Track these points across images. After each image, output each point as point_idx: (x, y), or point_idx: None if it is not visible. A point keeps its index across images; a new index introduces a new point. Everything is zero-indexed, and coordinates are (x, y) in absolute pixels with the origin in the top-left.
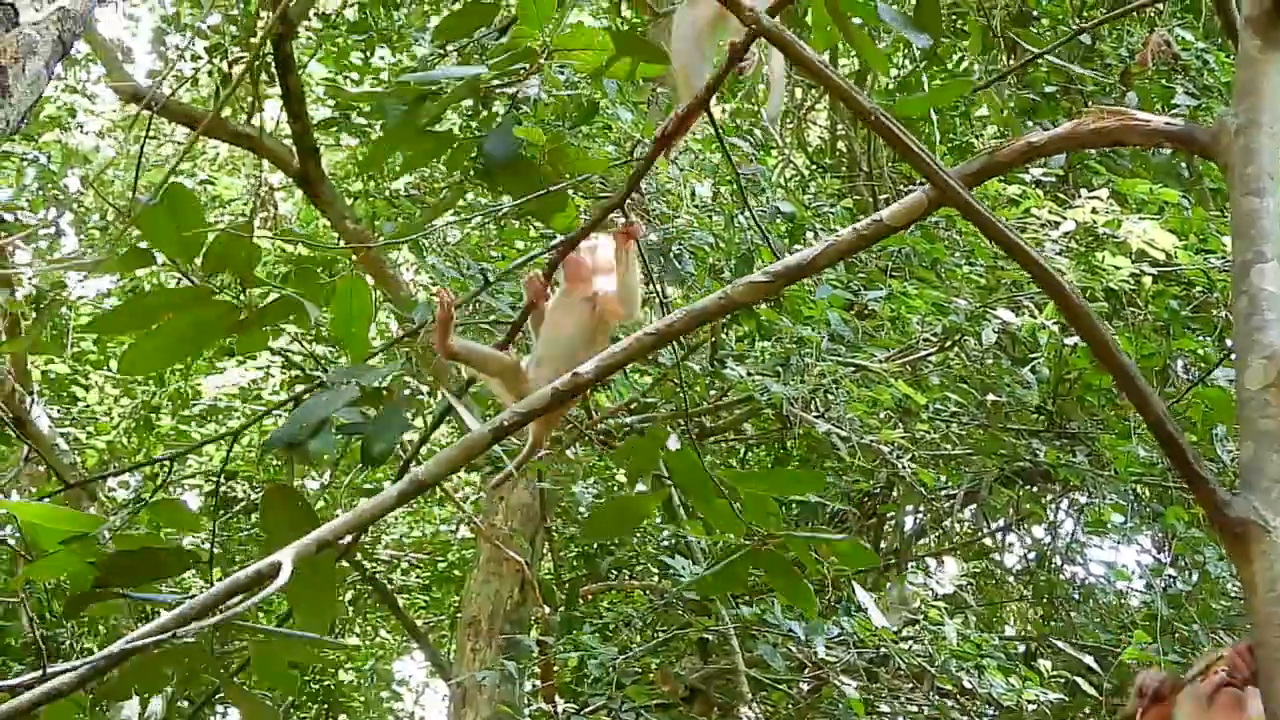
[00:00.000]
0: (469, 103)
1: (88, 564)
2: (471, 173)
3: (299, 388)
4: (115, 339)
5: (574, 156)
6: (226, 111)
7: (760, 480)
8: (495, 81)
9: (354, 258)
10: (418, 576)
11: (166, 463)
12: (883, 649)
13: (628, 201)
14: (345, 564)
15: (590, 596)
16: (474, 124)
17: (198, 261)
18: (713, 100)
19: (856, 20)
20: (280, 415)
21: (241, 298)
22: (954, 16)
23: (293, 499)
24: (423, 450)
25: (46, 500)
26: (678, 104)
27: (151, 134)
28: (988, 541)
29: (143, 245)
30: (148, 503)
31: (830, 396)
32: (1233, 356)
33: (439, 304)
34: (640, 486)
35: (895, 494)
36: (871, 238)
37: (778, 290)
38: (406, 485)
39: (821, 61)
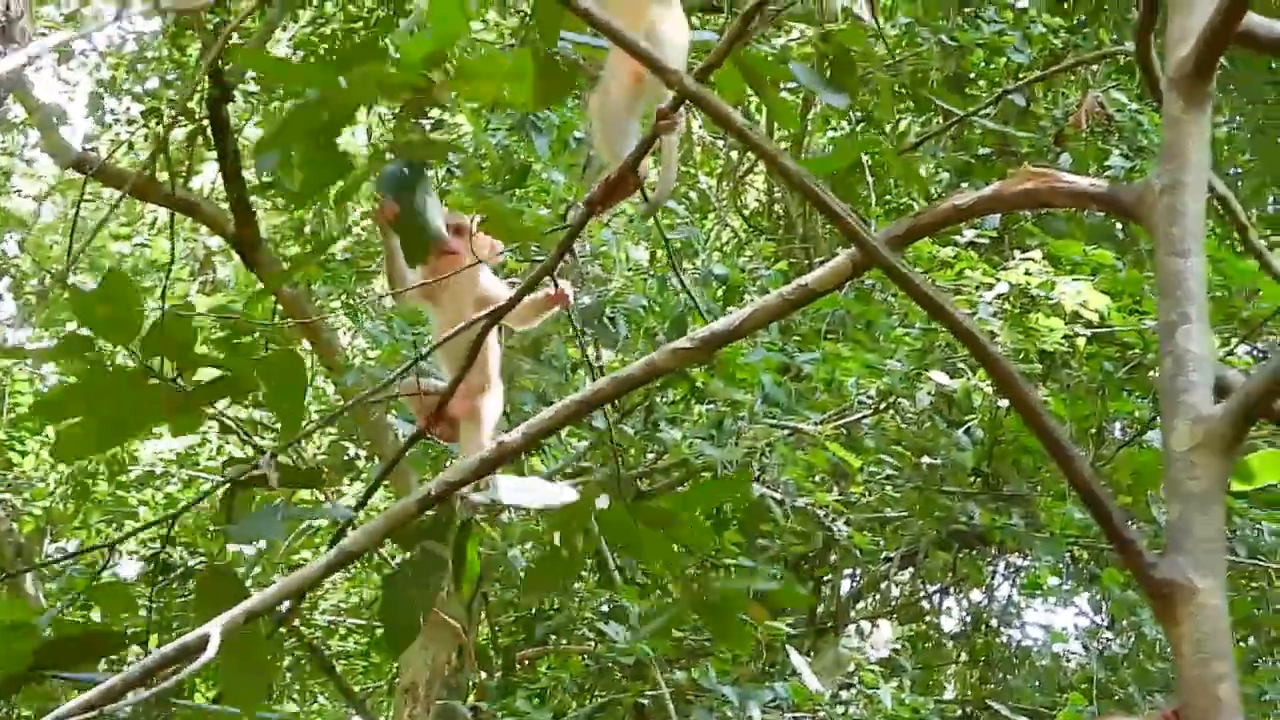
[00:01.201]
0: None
1: (27, 650)
2: None
3: (236, 459)
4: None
5: (500, 222)
6: (163, 176)
7: (688, 500)
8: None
9: (289, 322)
10: (355, 642)
11: (105, 550)
12: (818, 713)
13: (560, 264)
14: (283, 630)
15: (527, 662)
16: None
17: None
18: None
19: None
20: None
21: (180, 380)
22: (893, 77)
23: (228, 583)
24: (360, 515)
25: None
26: (609, 172)
27: (88, 198)
28: (924, 604)
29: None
30: (85, 583)
31: (765, 459)
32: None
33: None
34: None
35: (831, 557)
36: (798, 302)
37: (703, 356)
38: (335, 556)
39: (747, 125)
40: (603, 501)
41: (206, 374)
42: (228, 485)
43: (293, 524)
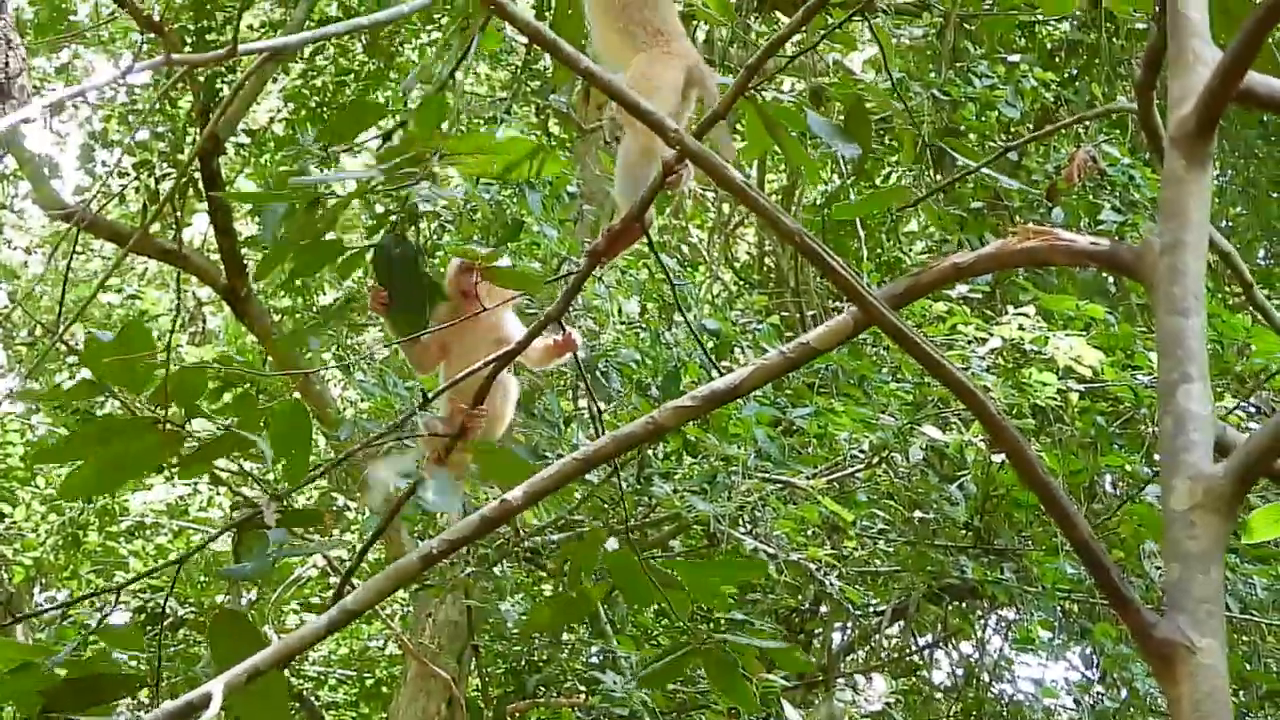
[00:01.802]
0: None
1: (35, 693)
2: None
3: (238, 512)
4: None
5: (504, 274)
6: (154, 227)
7: (702, 569)
8: (384, 186)
9: (281, 373)
10: (345, 693)
11: (110, 595)
12: None
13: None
14: None
15: (518, 714)
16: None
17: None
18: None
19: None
20: (217, 538)
21: (186, 429)
22: (881, 131)
23: (241, 625)
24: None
25: None
26: (614, 222)
27: (79, 249)
28: (916, 658)
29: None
30: (84, 627)
31: (757, 514)
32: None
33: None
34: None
35: (823, 611)
36: (799, 360)
37: (705, 413)
38: (336, 614)
39: (746, 183)
40: (612, 543)
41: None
42: (234, 529)
43: (286, 567)
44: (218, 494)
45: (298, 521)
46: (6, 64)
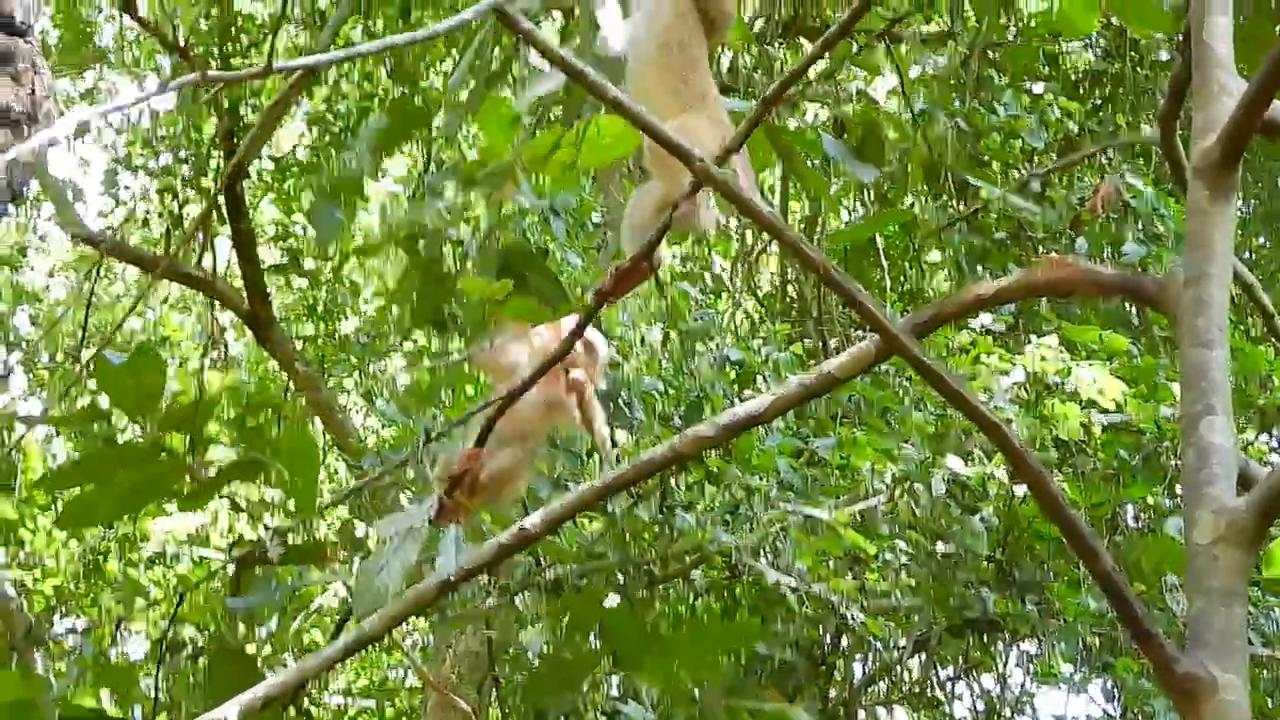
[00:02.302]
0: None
1: None
2: (422, 318)
3: (246, 539)
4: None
5: (519, 305)
6: (183, 250)
7: (699, 635)
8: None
9: (302, 402)
10: None
11: (113, 611)
12: None
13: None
14: (293, 711)
15: None
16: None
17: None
18: (661, 249)
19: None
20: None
21: (193, 457)
22: (905, 160)
23: (242, 663)
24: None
25: None
26: (623, 261)
27: (102, 273)
28: (938, 691)
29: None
30: (93, 661)
31: (779, 545)
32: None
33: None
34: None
35: (844, 643)
36: (820, 389)
37: (726, 442)
38: (352, 639)
39: (771, 213)
40: (611, 599)
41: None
42: (235, 563)
43: (300, 599)
44: (239, 521)
45: (300, 557)
46: (33, 89)
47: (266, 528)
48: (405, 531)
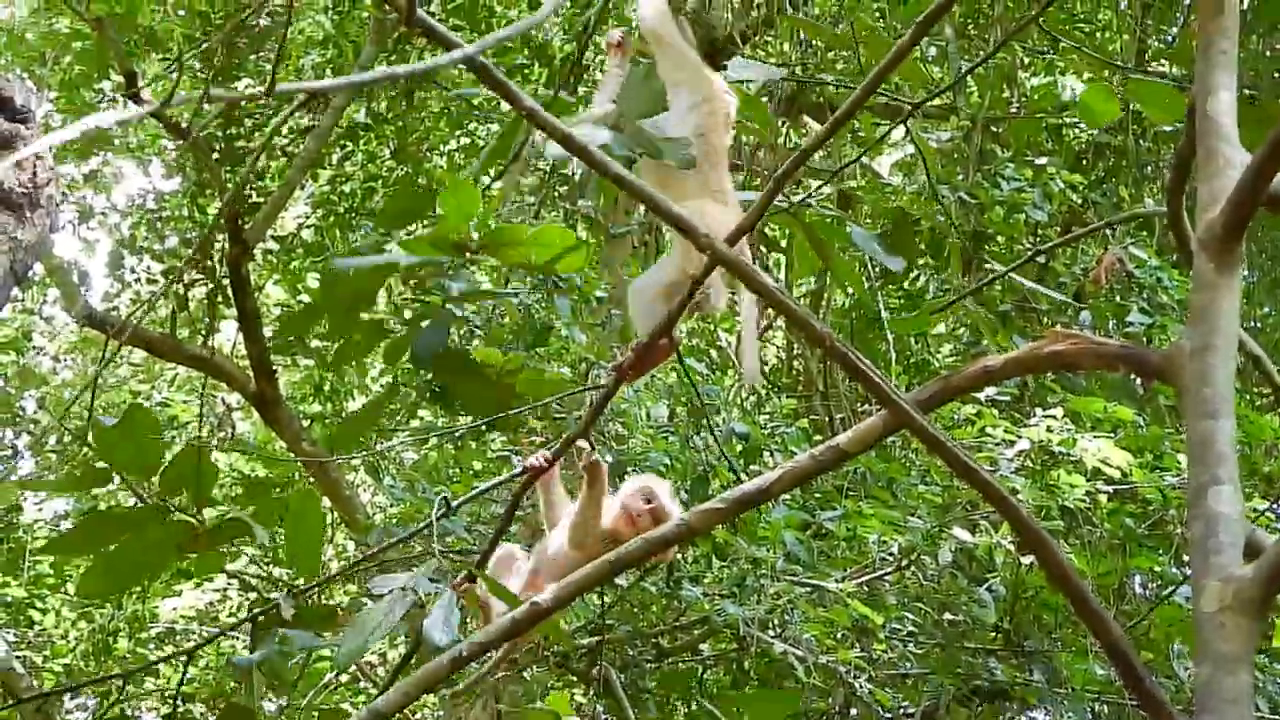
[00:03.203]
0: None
1: None
2: (428, 394)
3: (256, 609)
4: (71, 561)
5: (529, 379)
6: (184, 333)
7: (740, 704)
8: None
9: (310, 479)
10: None
11: (119, 683)
12: None
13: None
14: None
15: None
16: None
17: (154, 481)
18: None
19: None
20: (236, 636)
21: (196, 519)
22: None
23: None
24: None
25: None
26: (632, 339)
27: (108, 355)
28: None
29: (100, 464)
30: None
31: (786, 616)
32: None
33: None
34: None
35: (853, 714)
36: (829, 463)
37: (734, 516)
38: (366, 717)
39: (778, 288)
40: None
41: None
42: (251, 623)
43: (316, 673)
44: (247, 599)
45: (313, 618)
46: (35, 173)
47: (281, 590)
48: (397, 592)
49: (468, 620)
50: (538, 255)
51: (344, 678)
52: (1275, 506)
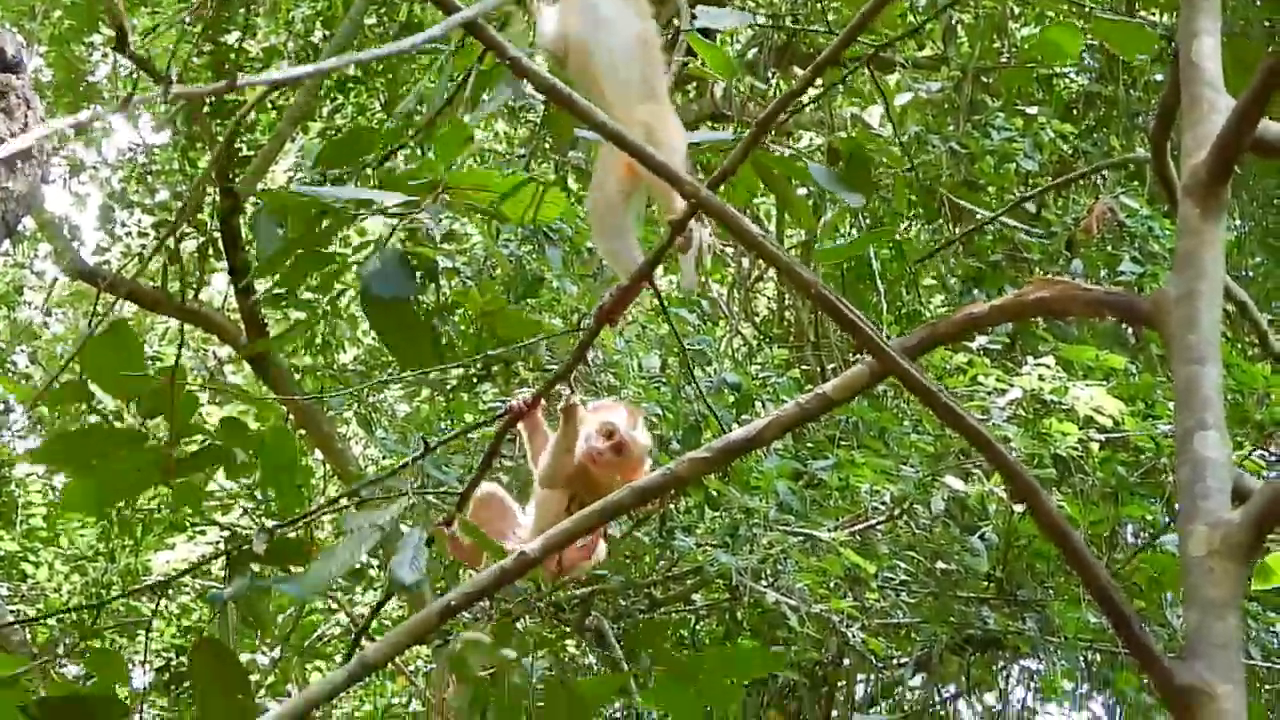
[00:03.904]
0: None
1: (17, 708)
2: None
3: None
4: (65, 517)
5: (511, 320)
6: (174, 286)
7: (719, 661)
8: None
9: (300, 432)
10: None
11: (92, 611)
12: None
13: (573, 375)
14: None
15: None
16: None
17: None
18: (659, 273)
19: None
20: (212, 575)
21: (172, 445)
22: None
23: (223, 655)
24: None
25: None
26: (622, 281)
27: (98, 309)
28: (939, 709)
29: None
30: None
31: (779, 566)
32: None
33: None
34: None
35: (846, 663)
36: (816, 411)
37: (723, 465)
38: (355, 667)
39: (764, 235)
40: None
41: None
42: (225, 557)
43: (308, 624)
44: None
45: (285, 552)
46: (26, 124)
47: (254, 523)
48: (366, 528)
49: (459, 569)
50: (510, 207)
51: (335, 630)
52: (1263, 451)
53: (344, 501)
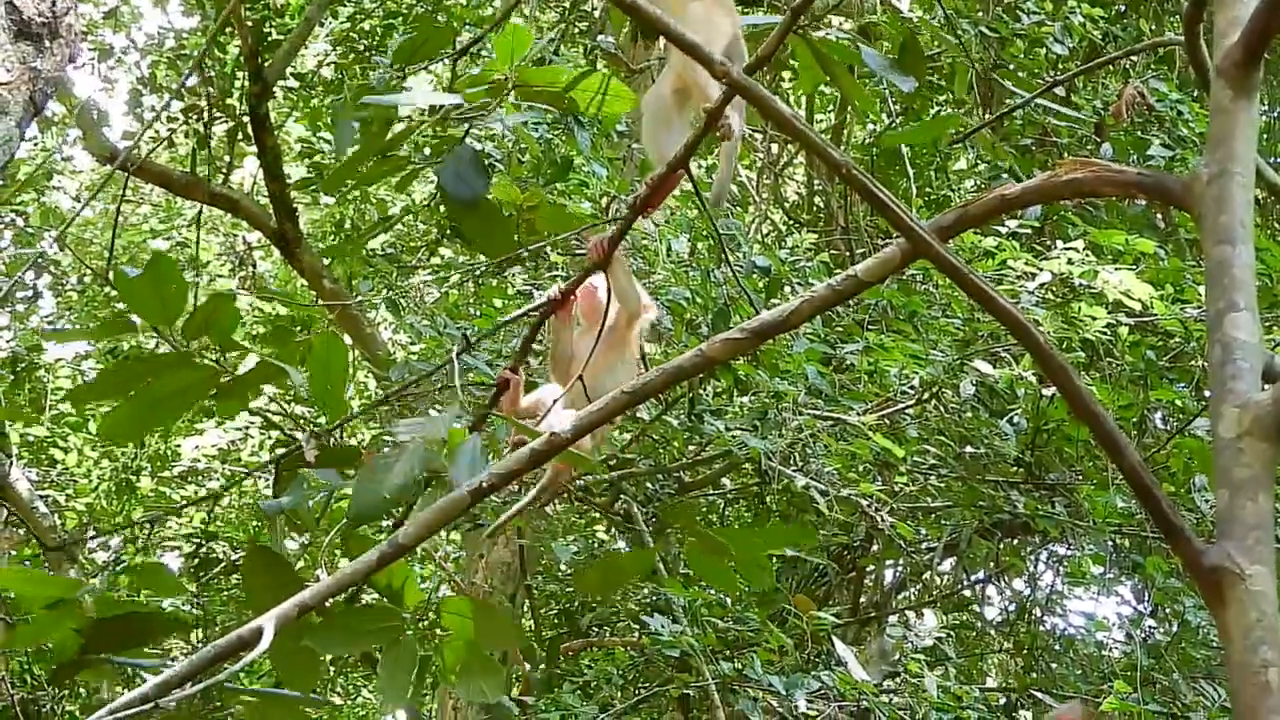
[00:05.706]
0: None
1: (73, 631)
2: (448, 231)
3: (279, 450)
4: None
5: (550, 214)
6: (203, 171)
7: (749, 536)
8: (458, 113)
9: (331, 316)
10: None
11: (146, 525)
12: (863, 703)
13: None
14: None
15: (571, 654)
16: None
17: (178, 325)
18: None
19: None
20: (260, 476)
21: (221, 362)
22: (930, 69)
23: (275, 561)
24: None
25: (26, 564)
26: (652, 170)
27: (128, 194)
28: (967, 594)
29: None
30: (128, 567)
31: (808, 450)
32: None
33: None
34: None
35: (874, 547)
36: (847, 293)
37: (754, 347)
38: (387, 548)
39: (795, 116)
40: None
41: (248, 361)
42: (274, 466)
43: (340, 510)
44: (269, 438)
45: (336, 459)
46: (54, 3)
47: (304, 430)
48: (419, 438)
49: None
50: (576, 101)
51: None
52: None
53: (384, 398)
